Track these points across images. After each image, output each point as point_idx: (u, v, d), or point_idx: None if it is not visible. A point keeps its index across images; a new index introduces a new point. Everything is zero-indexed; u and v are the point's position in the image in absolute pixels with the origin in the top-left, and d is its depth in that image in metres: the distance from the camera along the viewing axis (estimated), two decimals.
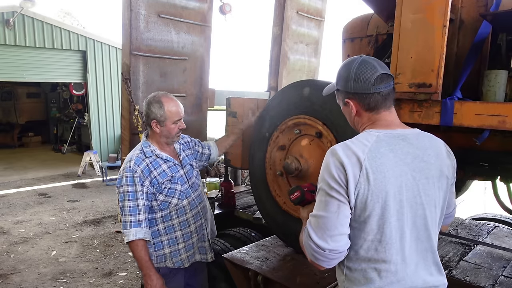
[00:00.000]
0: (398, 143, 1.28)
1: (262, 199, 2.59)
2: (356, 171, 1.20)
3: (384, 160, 1.23)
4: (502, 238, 2.65)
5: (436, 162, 1.32)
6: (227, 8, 7.87)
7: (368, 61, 1.35)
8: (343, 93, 1.40)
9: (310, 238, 1.25)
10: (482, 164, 2.18)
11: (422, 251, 1.30)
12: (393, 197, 1.22)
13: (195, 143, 2.54)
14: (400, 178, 1.24)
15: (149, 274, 2.09)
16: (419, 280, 1.28)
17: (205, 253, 2.40)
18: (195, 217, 2.33)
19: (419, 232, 1.28)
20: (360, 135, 1.31)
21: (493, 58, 1.95)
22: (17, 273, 4.46)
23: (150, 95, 2.25)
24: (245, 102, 3.02)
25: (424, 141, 1.34)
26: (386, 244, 1.24)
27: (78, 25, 20.26)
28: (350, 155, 1.22)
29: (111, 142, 10.91)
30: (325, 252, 1.22)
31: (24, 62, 9.18)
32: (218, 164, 6.09)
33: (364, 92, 1.32)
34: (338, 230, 1.22)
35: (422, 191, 1.27)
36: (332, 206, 1.22)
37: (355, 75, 1.33)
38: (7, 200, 7.49)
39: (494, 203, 2.46)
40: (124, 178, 2.12)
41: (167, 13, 3.40)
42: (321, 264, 1.26)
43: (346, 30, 2.77)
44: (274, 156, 2.49)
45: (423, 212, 1.28)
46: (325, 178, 1.25)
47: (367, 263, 1.27)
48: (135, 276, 4.38)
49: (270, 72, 4.17)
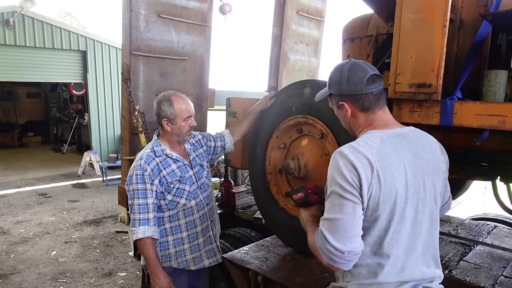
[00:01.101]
0: (400, 142, 1.33)
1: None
2: (368, 173, 1.24)
3: (391, 160, 1.27)
4: (502, 238, 2.65)
5: (432, 158, 1.39)
6: (227, 8, 7.87)
7: (358, 64, 1.41)
8: (336, 97, 1.45)
9: (327, 242, 1.25)
10: (482, 164, 2.18)
11: (423, 246, 1.35)
12: (400, 196, 1.27)
13: (208, 139, 2.52)
14: (404, 176, 1.29)
15: (156, 272, 2.10)
16: (418, 273, 1.33)
17: (213, 256, 2.40)
18: (201, 218, 2.34)
19: (421, 227, 1.34)
20: (364, 136, 1.34)
21: (493, 58, 1.94)
22: (17, 273, 4.46)
23: (160, 95, 2.26)
24: (245, 102, 3.01)
25: (421, 139, 1.40)
26: (391, 239, 1.28)
27: (78, 25, 20.28)
28: (360, 157, 1.25)
29: (111, 142, 10.91)
30: (344, 254, 1.24)
31: (24, 62, 9.18)
32: (218, 164, 6.10)
33: (358, 93, 1.37)
34: (355, 231, 1.25)
35: (422, 188, 1.33)
36: (348, 208, 1.24)
37: (347, 78, 1.38)
38: (7, 200, 7.49)
39: (494, 203, 2.45)
40: (134, 176, 2.13)
41: (167, 13, 3.40)
42: (339, 266, 1.27)
43: (346, 30, 2.76)
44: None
45: (424, 208, 1.34)
46: (337, 181, 1.26)
47: (372, 258, 1.31)
48: (135, 276, 4.38)
49: (270, 72, 4.17)
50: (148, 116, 3.26)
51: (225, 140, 2.55)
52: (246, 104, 2.99)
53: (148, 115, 3.26)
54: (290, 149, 2.46)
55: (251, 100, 3.03)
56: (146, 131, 3.27)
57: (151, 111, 3.48)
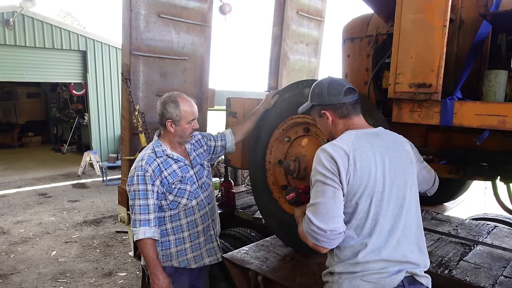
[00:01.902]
0: (373, 138, 1.55)
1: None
2: (345, 161, 1.45)
3: (365, 151, 1.49)
4: (502, 238, 2.65)
5: (403, 151, 1.60)
6: (227, 8, 7.87)
7: (336, 79, 1.68)
8: (318, 107, 1.68)
9: (311, 223, 1.43)
10: (482, 164, 2.18)
11: (404, 228, 1.50)
12: (377, 181, 1.47)
13: (208, 138, 2.52)
14: (380, 165, 1.49)
15: (156, 273, 2.10)
16: (399, 254, 1.47)
17: (214, 254, 2.41)
18: (203, 217, 2.34)
19: (399, 210, 1.50)
20: (342, 135, 1.57)
21: (493, 58, 1.95)
22: (17, 273, 4.46)
23: (165, 95, 2.25)
24: (245, 102, 3.01)
25: (392, 136, 1.62)
26: (372, 220, 1.46)
27: (78, 25, 20.29)
28: (337, 150, 1.48)
29: (111, 142, 10.91)
30: (326, 233, 1.41)
31: (24, 62, 9.17)
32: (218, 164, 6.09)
33: (337, 102, 1.62)
34: (336, 213, 1.44)
35: (398, 175, 1.52)
36: (329, 193, 1.44)
37: (328, 90, 1.63)
38: (7, 200, 7.49)
39: (494, 203, 2.45)
40: (136, 177, 2.13)
41: (167, 13, 3.40)
42: (323, 245, 1.45)
43: (346, 30, 2.76)
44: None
45: (402, 193, 1.52)
46: (319, 170, 1.48)
47: (355, 240, 1.48)
48: (135, 276, 4.38)
49: (270, 72, 4.17)
50: (148, 116, 3.26)
51: (226, 140, 2.54)
52: (246, 104, 2.99)
53: (148, 115, 3.26)
54: (293, 144, 2.44)
55: (251, 100, 3.03)
56: (146, 131, 3.27)
57: (151, 111, 3.50)
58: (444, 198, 3.60)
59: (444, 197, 3.58)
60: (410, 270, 1.48)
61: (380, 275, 1.44)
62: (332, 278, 1.53)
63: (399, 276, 1.45)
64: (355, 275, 1.46)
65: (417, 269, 1.50)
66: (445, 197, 3.58)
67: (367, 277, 1.45)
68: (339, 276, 1.50)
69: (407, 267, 1.47)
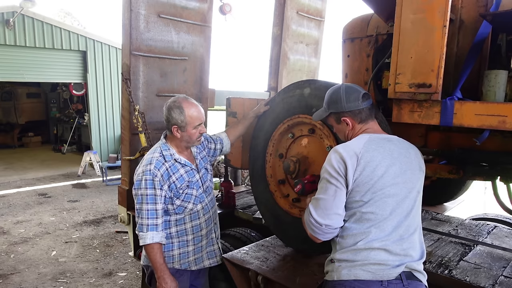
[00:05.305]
0: (385, 143, 1.61)
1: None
2: (354, 161, 1.53)
3: (375, 153, 1.56)
4: (502, 238, 2.65)
5: (415, 158, 1.66)
6: (227, 8, 7.86)
7: (350, 85, 1.74)
8: (336, 114, 1.73)
9: (311, 215, 1.58)
10: (482, 164, 2.18)
11: (407, 227, 1.57)
12: (386, 181, 1.53)
13: (208, 140, 2.51)
14: (390, 167, 1.56)
15: (163, 277, 2.09)
16: (401, 248, 1.53)
17: (214, 257, 2.41)
18: (207, 221, 2.34)
19: (405, 210, 1.57)
20: (355, 138, 1.66)
21: (493, 58, 1.95)
22: (17, 273, 4.46)
23: (170, 99, 2.20)
24: (245, 102, 3.01)
25: (404, 144, 1.68)
26: (377, 214, 1.52)
27: (78, 25, 20.27)
28: (348, 150, 1.56)
29: (111, 142, 10.90)
30: (321, 226, 1.55)
31: (24, 62, 9.17)
32: (218, 164, 6.09)
33: (357, 108, 1.68)
34: (333, 210, 1.55)
35: (408, 179, 1.59)
36: (330, 191, 1.55)
37: (346, 97, 1.68)
38: (7, 200, 7.49)
39: (494, 203, 2.45)
40: (144, 181, 2.09)
41: (167, 13, 3.41)
42: (317, 236, 1.59)
43: (346, 30, 2.76)
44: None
45: (409, 194, 1.58)
46: (327, 169, 1.57)
47: (358, 229, 1.55)
48: (135, 276, 4.39)
49: (270, 72, 4.17)
50: (148, 116, 3.26)
51: (223, 143, 2.57)
52: (246, 104, 2.99)
53: (148, 115, 3.27)
54: (296, 141, 2.43)
55: (251, 100, 3.03)
56: (146, 131, 3.27)
57: (151, 111, 3.50)
58: (444, 198, 3.60)
59: (444, 197, 3.58)
60: (409, 265, 1.53)
61: (380, 266, 1.50)
62: (332, 266, 1.59)
63: (398, 270, 1.50)
64: (355, 264, 1.52)
65: (416, 266, 1.56)
66: (445, 197, 3.58)
67: (366, 267, 1.50)
68: (339, 263, 1.56)
69: (407, 261, 1.52)
